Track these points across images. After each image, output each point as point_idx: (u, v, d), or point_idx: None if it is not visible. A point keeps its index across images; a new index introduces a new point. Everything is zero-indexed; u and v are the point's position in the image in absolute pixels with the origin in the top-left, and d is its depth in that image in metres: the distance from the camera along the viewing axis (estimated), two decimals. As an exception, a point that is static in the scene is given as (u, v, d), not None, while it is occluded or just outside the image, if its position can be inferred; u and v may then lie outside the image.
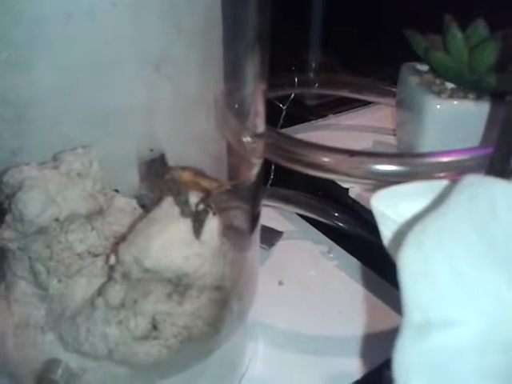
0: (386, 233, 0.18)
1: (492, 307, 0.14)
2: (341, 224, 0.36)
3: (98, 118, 0.25)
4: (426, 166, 0.23)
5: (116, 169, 0.28)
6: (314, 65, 0.44)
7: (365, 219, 0.33)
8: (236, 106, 0.24)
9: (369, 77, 0.44)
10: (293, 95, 0.37)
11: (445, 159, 0.23)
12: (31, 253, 0.24)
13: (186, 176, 0.21)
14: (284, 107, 0.36)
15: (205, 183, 0.21)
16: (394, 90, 0.41)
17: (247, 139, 0.23)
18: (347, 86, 0.42)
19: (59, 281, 0.24)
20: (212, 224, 0.22)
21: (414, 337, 0.13)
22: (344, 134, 0.45)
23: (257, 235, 0.28)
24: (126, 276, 0.21)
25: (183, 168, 0.22)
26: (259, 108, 0.23)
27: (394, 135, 0.43)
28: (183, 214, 0.21)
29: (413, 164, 0.23)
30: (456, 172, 0.23)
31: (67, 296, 0.24)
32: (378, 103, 0.45)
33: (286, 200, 0.37)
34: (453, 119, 0.32)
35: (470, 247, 0.15)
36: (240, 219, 0.28)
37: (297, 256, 0.37)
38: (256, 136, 0.22)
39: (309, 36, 0.43)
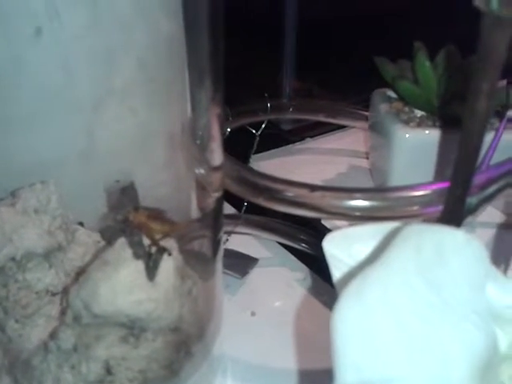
0: (337, 274, 0.18)
1: (434, 362, 0.14)
2: (315, 250, 0.36)
3: (61, 150, 0.25)
4: (387, 201, 0.23)
5: (80, 201, 0.28)
6: (287, 90, 0.44)
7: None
8: (194, 133, 0.24)
9: (344, 100, 0.44)
10: (266, 121, 0.37)
11: (407, 194, 0.23)
12: (-13, 293, 0.24)
13: (139, 217, 0.20)
14: (257, 133, 0.36)
15: (157, 226, 0.20)
16: (367, 113, 0.41)
17: (205, 171, 0.23)
18: (321, 110, 0.42)
19: (16, 321, 0.23)
20: (167, 265, 0.21)
21: (351, 399, 0.12)
22: (319, 157, 0.45)
23: (219, 264, 0.28)
24: (76, 319, 0.21)
25: (136, 208, 0.21)
26: (214, 133, 0.23)
27: (368, 158, 0.43)
28: (136, 255, 0.21)
29: (374, 199, 0.22)
30: (419, 206, 0.22)
31: (25, 337, 0.23)
32: (352, 127, 0.45)
33: (261, 227, 0.37)
34: (422, 147, 0.32)
35: (415, 297, 0.15)
36: (201, 247, 0.28)
37: (271, 284, 0.37)
38: (213, 168, 0.22)
39: (282, 61, 0.43)
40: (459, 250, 0.15)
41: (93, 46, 0.20)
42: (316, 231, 0.37)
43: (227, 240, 0.38)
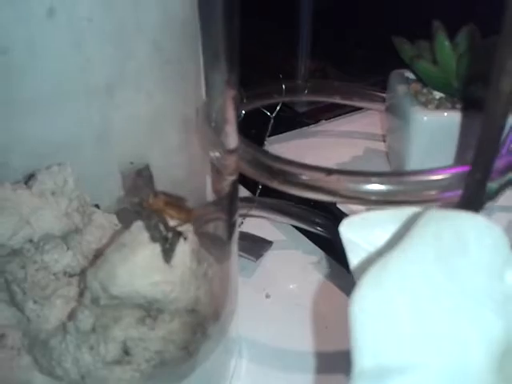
0: (354, 260, 0.18)
1: (452, 349, 0.14)
2: (331, 234, 0.36)
3: (77, 133, 0.25)
4: (404, 185, 0.22)
5: (96, 183, 0.28)
6: (303, 71, 0.43)
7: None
8: (208, 116, 0.24)
9: (360, 81, 0.43)
10: (280, 104, 0.37)
11: (425, 178, 0.22)
12: (6, 274, 0.24)
13: (157, 203, 0.20)
14: (272, 115, 0.35)
15: (174, 213, 0.20)
16: (384, 95, 0.40)
17: (220, 154, 0.23)
18: (337, 92, 0.41)
19: (35, 302, 0.24)
20: (183, 248, 0.21)
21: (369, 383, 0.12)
22: (335, 140, 0.44)
23: (234, 247, 0.28)
24: (94, 301, 0.21)
25: (156, 193, 0.21)
26: (229, 116, 0.23)
27: (385, 141, 0.43)
28: (153, 238, 0.21)
29: (390, 183, 0.22)
30: (437, 191, 0.22)
31: (43, 318, 0.24)
32: (369, 109, 0.44)
33: (275, 210, 0.37)
34: (440, 130, 0.31)
35: (434, 285, 0.15)
36: (216, 230, 0.28)
37: (286, 267, 0.37)
38: (228, 151, 0.22)
39: (297, 42, 0.42)
40: (479, 236, 0.15)
41: (107, 28, 0.19)
42: (331, 215, 0.36)
43: (242, 223, 0.38)
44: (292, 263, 0.37)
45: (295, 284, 0.36)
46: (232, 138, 0.21)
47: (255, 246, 0.37)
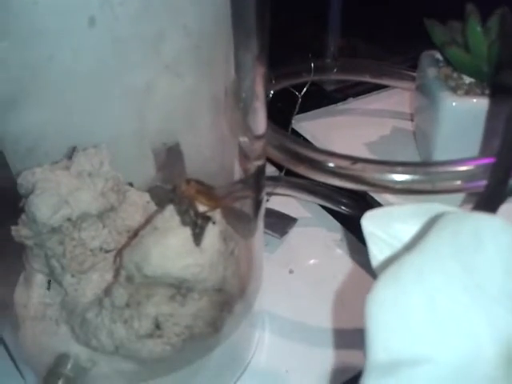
0: (376, 253, 0.18)
1: (466, 343, 0.14)
2: (354, 213, 0.36)
3: (113, 113, 0.26)
4: (429, 175, 0.23)
5: (130, 163, 0.29)
6: (332, 49, 0.43)
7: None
8: (237, 96, 0.24)
9: (390, 59, 0.42)
10: (309, 83, 0.37)
11: (449, 168, 0.23)
12: (46, 249, 0.25)
13: (189, 190, 0.21)
14: (299, 95, 0.35)
15: (204, 201, 0.21)
16: (414, 74, 0.40)
17: (247, 138, 0.23)
18: (367, 70, 0.41)
19: (72, 276, 0.25)
20: (212, 231, 0.22)
21: (380, 376, 0.13)
22: (363, 119, 0.44)
23: (260, 224, 0.28)
24: (129, 279, 0.22)
25: (188, 180, 0.22)
26: (259, 94, 0.23)
27: (412, 120, 0.42)
28: (184, 222, 0.22)
29: (415, 173, 0.22)
30: (461, 181, 0.22)
31: (80, 291, 0.25)
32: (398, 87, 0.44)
33: (301, 189, 0.38)
34: (468, 116, 0.31)
35: (451, 281, 0.15)
36: (243, 208, 0.29)
37: (309, 244, 0.38)
38: (256, 137, 0.23)
39: (327, 20, 0.42)
40: (496, 236, 0.16)
41: (144, 30, 0.20)
42: (355, 194, 0.37)
43: (268, 200, 0.39)
44: (315, 240, 0.38)
45: (318, 260, 0.37)
46: (260, 123, 0.22)
47: (280, 223, 0.38)
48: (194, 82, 0.28)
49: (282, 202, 0.40)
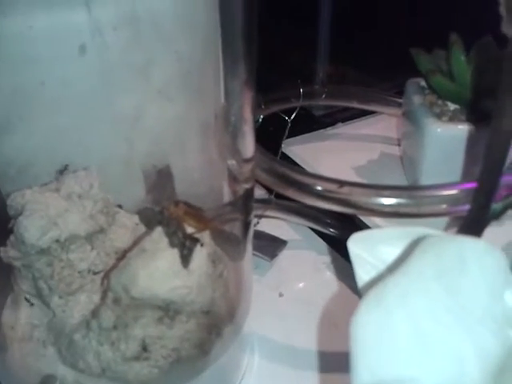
0: (362, 275, 0.19)
1: (448, 364, 0.15)
2: (344, 235, 0.37)
3: (104, 138, 0.26)
4: (415, 199, 0.23)
5: (120, 185, 0.29)
6: (321, 75, 0.44)
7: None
8: (226, 120, 0.25)
9: (378, 86, 0.43)
10: (298, 108, 0.37)
11: (434, 192, 0.23)
12: (34, 271, 0.25)
13: (177, 212, 0.21)
14: (289, 120, 0.36)
15: (192, 223, 0.21)
16: (400, 101, 0.41)
17: (236, 161, 0.24)
18: (354, 97, 0.42)
19: (60, 297, 0.25)
20: (200, 253, 0.23)
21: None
22: (351, 144, 0.45)
23: (249, 247, 0.29)
24: (116, 301, 0.22)
25: (176, 202, 0.22)
26: (247, 118, 0.24)
27: (399, 145, 0.43)
28: (172, 244, 0.22)
29: (401, 196, 0.23)
30: (447, 205, 0.23)
31: (67, 312, 0.25)
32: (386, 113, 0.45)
33: (291, 211, 0.38)
34: (452, 142, 0.31)
35: (434, 303, 0.15)
36: (231, 231, 0.29)
37: (299, 267, 0.38)
38: (245, 160, 0.23)
39: (316, 47, 0.43)
40: (479, 258, 0.16)
41: (135, 57, 0.20)
42: (344, 217, 0.37)
43: (258, 223, 0.39)
44: (305, 263, 0.39)
45: (308, 283, 0.37)
46: (248, 147, 0.22)
47: (270, 246, 0.38)
48: (184, 106, 0.28)
49: (273, 224, 0.40)
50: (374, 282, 0.17)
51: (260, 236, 0.39)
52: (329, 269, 0.38)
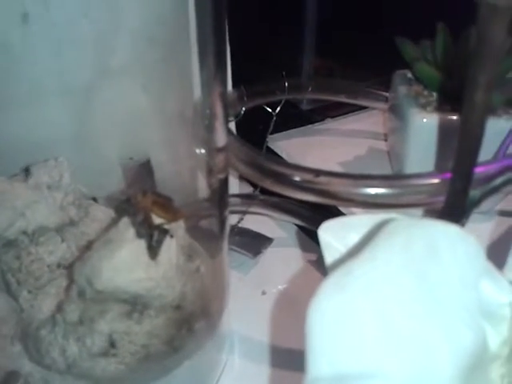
0: (330, 262, 0.18)
1: (418, 358, 0.14)
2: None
3: (71, 131, 0.25)
4: (393, 189, 0.22)
5: (96, 177, 0.29)
6: (307, 68, 0.43)
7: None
8: (202, 113, 0.24)
9: (366, 80, 0.43)
10: (283, 101, 0.37)
11: (413, 182, 0.22)
12: (2, 264, 0.24)
13: (145, 202, 0.21)
14: (274, 113, 0.35)
15: (160, 213, 0.21)
16: (387, 95, 0.40)
17: (209, 151, 0.23)
18: (342, 90, 0.41)
19: (29, 292, 0.24)
20: (170, 245, 0.22)
21: (325, 390, 0.13)
22: (338, 139, 0.44)
23: (225, 243, 0.28)
24: (81, 294, 0.21)
25: (144, 192, 0.21)
26: (218, 112, 0.23)
27: (387, 141, 0.42)
28: (139, 234, 0.21)
29: (379, 186, 0.22)
30: (426, 195, 0.22)
31: (36, 307, 0.24)
32: (373, 108, 0.44)
33: (276, 207, 0.37)
34: (438, 133, 0.31)
35: (403, 292, 0.14)
36: (207, 226, 0.28)
37: (284, 264, 0.37)
38: (217, 149, 0.22)
39: (303, 40, 0.42)
40: (452, 245, 0.15)
41: (86, 29, 0.20)
42: (331, 214, 0.36)
43: (242, 219, 0.38)
44: (290, 261, 0.37)
45: (292, 282, 0.36)
46: (220, 136, 0.22)
47: (255, 243, 0.37)
48: (157, 95, 0.27)
49: (258, 221, 0.39)
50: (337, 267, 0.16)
51: (244, 233, 0.38)
52: (314, 267, 0.37)
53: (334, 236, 0.18)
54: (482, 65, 0.13)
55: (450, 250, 0.15)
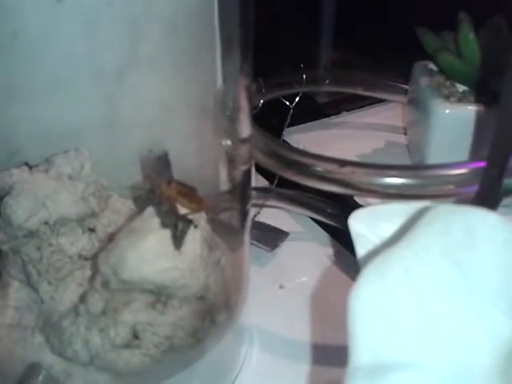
0: (361, 252, 0.18)
1: (456, 348, 0.13)
2: (345, 227, 0.35)
3: (96, 119, 0.25)
4: (420, 179, 0.22)
5: (115, 169, 0.28)
6: (325, 60, 0.42)
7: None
8: (224, 104, 0.24)
9: (384, 73, 0.42)
10: (300, 94, 0.36)
11: (441, 172, 0.22)
12: (22, 255, 0.24)
13: (169, 191, 0.20)
14: (291, 106, 0.35)
15: (184, 203, 0.20)
16: (406, 87, 0.39)
17: (233, 143, 0.23)
18: (359, 83, 0.41)
19: (49, 283, 0.24)
20: (194, 235, 0.21)
21: (367, 379, 0.12)
22: (356, 132, 0.44)
23: (247, 236, 0.28)
24: (105, 284, 0.21)
25: (169, 182, 0.21)
26: (243, 104, 0.23)
27: (406, 134, 0.42)
28: (163, 224, 0.21)
29: (406, 176, 0.22)
30: (454, 185, 0.22)
31: (56, 299, 0.24)
32: (391, 101, 0.43)
33: (292, 201, 0.37)
34: (462, 124, 0.30)
35: (441, 280, 0.14)
36: (229, 218, 0.28)
37: (301, 258, 0.37)
38: (241, 140, 0.22)
39: (320, 32, 0.42)
40: (490, 233, 0.15)
41: (118, 12, 0.19)
42: (348, 207, 0.36)
43: (258, 213, 0.38)
44: (307, 255, 0.37)
45: (309, 275, 0.36)
46: (245, 127, 0.21)
47: (271, 237, 0.37)
48: (179, 85, 0.27)
49: (274, 215, 0.39)
50: (371, 258, 0.16)
51: (261, 226, 0.37)
52: (331, 260, 0.37)
53: (366, 226, 0.17)
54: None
55: (488, 237, 0.15)
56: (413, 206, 0.17)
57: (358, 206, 0.35)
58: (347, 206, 0.36)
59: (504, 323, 0.14)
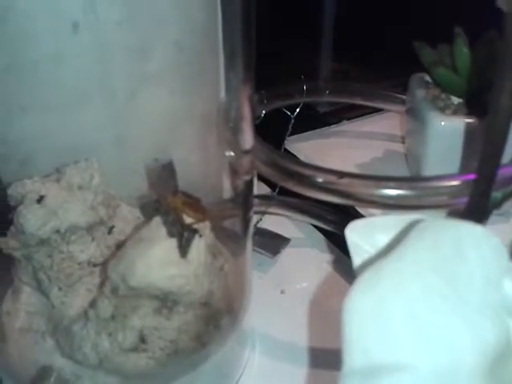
0: (357, 261, 0.18)
1: (444, 352, 0.14)
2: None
3: (106, 134, 0.26)
4: (415, 190, 0.23)
5: (123, 179, 0.29)
6: (325, 71, 0.43)
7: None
8: (227, 115, 0.25)
9: (382, 83, 0.43)
10: (301, 104, 0.37)
11: (435, 184, 0.23)
12: (34, 262, 0.25)
13: (175, 202, 0.21)
14: (293, 116, 0.36)
15: (190, 213, 0.21)
16: (405, 97, 0.40)
17: (235, 153, 0.24)
18: (358, 93, 0.42)
19: (59, 289, 0.25)
20: (199, 243, 0.22)
21: (360, 381, 0.13)
22: (355, 141, 0.45)
23: (249, 242, 0.29)
24: (114, 291, 0.22)
25: (175, 192, 0.22)
26: (245, 115, 0.24)
27: (404, 143, 0.43)
28: (170, 233, 0.22)
29: (401, 188, 0.23)
30: (448, 197, 0.23)
31: (67, 304, 0.25)
32: (390, 110, 0.44)
33: (294, 208, 0.38)
34: (457, 136, 0.31)
35: (429, 290, 0.15)
36: (232, 226, 0.29)
37: (302, 264, 0.38)
38: (244, 151, 0.23)
39: (319, 42, 0.43)
40: (477, 245, 0.16)
41: (129, 38, 0.20)
42: (347, 214, 0.37)
43: (260, 220, 0.39)
44: (308, 261, 0.38)
45: (310, 281, 0.36)
46: (247, 139, 0.22)
47: (273, 243, 0.38)
48: (184, 98, 0.28)
49: (275, 221, 0.40)
50: (366, 268, 0.17)
51: (262, 233, 0.38)
52: (332, 267, 0.38)
53: (362, 237, 0.18)
54: (509, 70, 0.14)
55: (475, 249, 0.16)
56: (405, 219, 0.18)
57: (357, 213, 0.36)
58: (347, 213, 0.37)
59: (490, 329, 0.15)
